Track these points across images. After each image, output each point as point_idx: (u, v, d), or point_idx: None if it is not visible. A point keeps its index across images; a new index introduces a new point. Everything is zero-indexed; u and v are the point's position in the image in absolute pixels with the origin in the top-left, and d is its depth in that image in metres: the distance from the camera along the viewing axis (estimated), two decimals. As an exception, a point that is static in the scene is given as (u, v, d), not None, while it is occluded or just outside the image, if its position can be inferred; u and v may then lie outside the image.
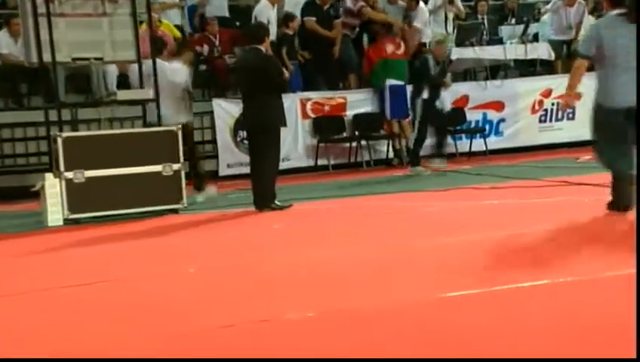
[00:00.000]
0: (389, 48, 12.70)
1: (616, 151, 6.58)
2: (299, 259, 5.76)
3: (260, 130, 8.33)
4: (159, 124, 8.82)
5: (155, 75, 9.02)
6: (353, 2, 13.35)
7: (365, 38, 13.29)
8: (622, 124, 6.47)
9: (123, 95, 9.17)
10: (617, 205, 6.59)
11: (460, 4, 14.47)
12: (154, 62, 9.11)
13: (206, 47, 12.80)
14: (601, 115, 6.73)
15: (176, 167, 8.62)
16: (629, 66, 6.44)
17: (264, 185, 8.39)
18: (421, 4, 13.54)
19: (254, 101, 8.32)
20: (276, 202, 8.51)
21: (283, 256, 5.97)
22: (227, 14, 13.81)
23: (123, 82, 11.45)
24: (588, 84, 6.87)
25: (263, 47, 8.43)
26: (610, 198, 6.68)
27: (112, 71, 11.55)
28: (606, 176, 6.87)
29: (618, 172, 6.61)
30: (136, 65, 9.32)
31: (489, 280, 4.66)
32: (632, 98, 6.42)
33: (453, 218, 7.40)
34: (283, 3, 12.88)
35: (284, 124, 8.59)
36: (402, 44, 12.89)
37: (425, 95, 11.23)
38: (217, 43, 12.93)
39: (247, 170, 11.43)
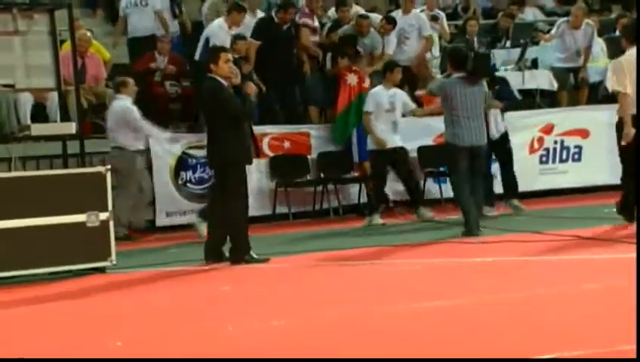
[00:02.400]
0: (353, 80, 12.67)
1: None
2: (247, 330, 5.71)
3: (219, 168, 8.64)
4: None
5: (79, 103, 9.00)
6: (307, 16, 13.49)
7: (328, 61, 13.32)
8: None
9: (39, 129, 9.10)
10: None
11: (444, 24, 14.68)
12: (77, 91, 9.08)
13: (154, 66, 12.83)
14: None
15: (103, 216, 8.54)
16: None
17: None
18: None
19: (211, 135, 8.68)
20: (252, 254, 8.63)
21: (232, 326, 5.91)
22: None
23: (39, 114, 11.38)
24: (597, 120, 6.95)
25: (216, 75, 8.49)
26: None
27: (26, 100, 11.48)
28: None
29: None
30: (55, 95, 9.30)
31: (467, 349, 4.64)
32: None
33: (433, 279, 7.41)
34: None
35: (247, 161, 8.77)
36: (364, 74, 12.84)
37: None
38: (163, 65, 12.95)
39: (190, 219, 11.57)
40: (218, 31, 12.42)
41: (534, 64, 14.58)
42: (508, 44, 14.92)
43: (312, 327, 5.76)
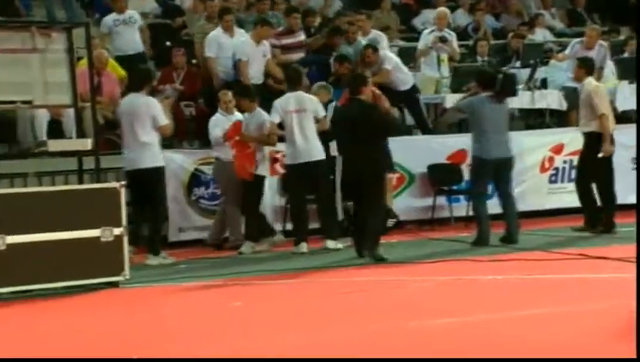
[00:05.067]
0: None
1: None
2: (262, 346, 5.74)
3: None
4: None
5: (95, 120, 9.05)
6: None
7: None
8: None
9: (56, 145, 9.17)
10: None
11: (455, 44, 14.71)
12: (93, 107, 9.15)
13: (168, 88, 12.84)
14: None
15: (117, 231, 8.59)
16: None
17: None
18: (384, 52, 13.53)
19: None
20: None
21: (242, 342, 5.94)
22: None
23: (55, 130, 11.46)
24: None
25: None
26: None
27: (43, 116, 11.55)
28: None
29: None
30: (71, 111, 9.35)
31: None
32: None
33: (443, 296, 7.43)
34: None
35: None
36: None
37: None
38: (179, 82, 13.00)
39: (202, 234, 11.61)
40: (245, 47, 12.50)
41: (544, 84, 14.61)
42: (518, 64, 14.95)
43: (324, 344, 5.79)
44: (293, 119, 10.59)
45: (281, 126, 10.82)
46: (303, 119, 10.61)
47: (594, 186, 11.19)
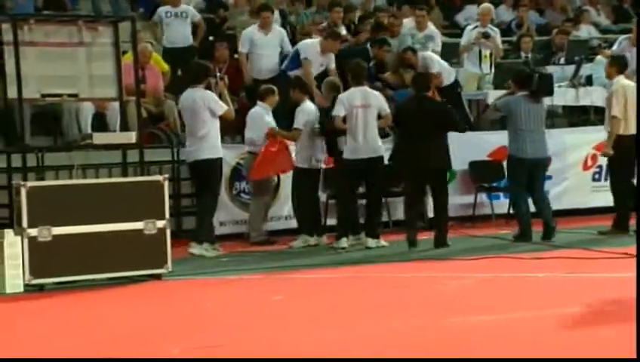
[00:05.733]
0: None
1: None
2: (303, 342, 5.77)
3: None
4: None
5: (139, 113, 9.12)
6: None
7: None
8: None
9: (101, 138, 9.25)
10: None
11: (498, 40, 14.61)
12: (138, 101, 9.23)
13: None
14: None
15: (160, 224, 8.67)
16: None
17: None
18: (429, 53, 13.49)
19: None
20: None
21: (283, 337, 5.98)
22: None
23: (98, 123, 11.57)
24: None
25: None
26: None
27: (88, 110, 11.67)
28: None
29: None
30: (115, 105, 9.44)
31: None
32: None
33: (485, 293, 7.42)
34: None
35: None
36: None
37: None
38: (221, 74, 13.05)
39: (242, 228, 11.67)
40: (312, 49, 12.42)
41: (589, 81, 14.47)
42: (562, 60, 14.83)
43: (367, 339, 5.81)
44: (358, 114, 10.54)
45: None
46: (368, 115, 10.57)
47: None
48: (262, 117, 11.22)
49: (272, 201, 11.55)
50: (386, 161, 10.71)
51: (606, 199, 13.33)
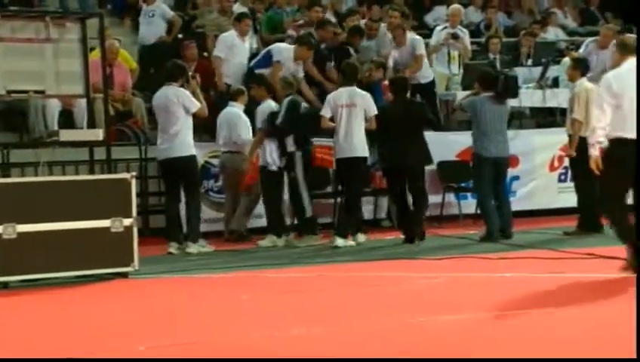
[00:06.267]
0: None
1: None
2: (270, 340, 5.76)
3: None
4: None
5: (107, 110, 9.09)
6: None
7: None
8: None
9: (68, 135, 9.20)
10: None
11: (467, 41, 14.69)
12: (105, 98, 9.18)
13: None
14: None
15: (127, 222, 8.62)
16: None
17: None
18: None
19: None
20: None
21: (251, 335, 5.96)
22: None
23: (65, 120, 11.49)
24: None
25: None
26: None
27: (54, 106, 11.60)
28: None
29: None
30: (82, 102, 9.39)
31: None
32: None
33: (448, 293, 7.45)
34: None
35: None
36: None
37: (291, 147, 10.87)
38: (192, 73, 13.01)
39: (215, 227, 11.65)
40: (285, 54, 12.39)
41: (555, 83, 14.60)
42: (530, 62, 14.94)
43: (334, 337, 5.81)
44: (342, 113, 10.64)
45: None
46: (352, 114, 10.64)
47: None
48: (240, 116, 11.27)
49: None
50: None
51: (572, 200, 13.48)
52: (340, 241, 10.53)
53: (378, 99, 11.29)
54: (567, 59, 14.72)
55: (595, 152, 7.73)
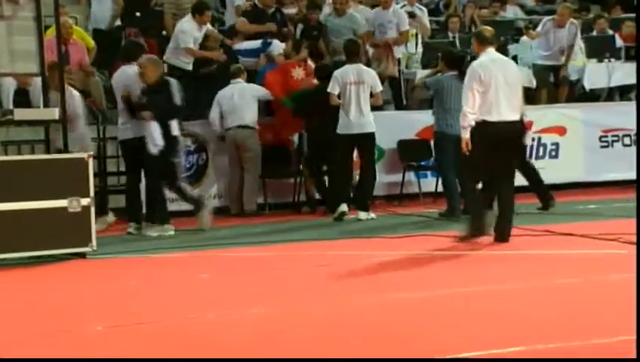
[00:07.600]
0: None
1: None
2: (228, 319, 5.76)
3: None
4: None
5: (63, 92, 8.98)
6: None
7: None
8: None
9: (22, 114, 9.08)
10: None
11: (425, 19, 14.69)
12: (60, 76, 9.06)
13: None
14: None
15: (85, 201, 8.55)
16: None
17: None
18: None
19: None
20: None
21: (208, 315, 5.96)
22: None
23: (21, 100, 11.34)
24: (573, 118, 7.06)
25: None
26: None
27: (9, 85, 11.44)
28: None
29: None
30: (38, 80, 9.26)
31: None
32: None
33: (405, 270, 7.50)
34: None
35: None
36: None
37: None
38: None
39: (173, 207, 11.56)
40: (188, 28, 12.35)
41: (514, 61, 14.64)
42: (489, 41, 14.95)
43: (292, 317, 5.82)
44: (351, 90, 10.85)
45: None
46: (361, 91, 10.86)
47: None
48: (250, 90, 11.71)
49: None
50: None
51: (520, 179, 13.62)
52: (362, 214, 10.89)
53: None
54: (525, 38, 14.89)
55: (465, 135, 8.67)
